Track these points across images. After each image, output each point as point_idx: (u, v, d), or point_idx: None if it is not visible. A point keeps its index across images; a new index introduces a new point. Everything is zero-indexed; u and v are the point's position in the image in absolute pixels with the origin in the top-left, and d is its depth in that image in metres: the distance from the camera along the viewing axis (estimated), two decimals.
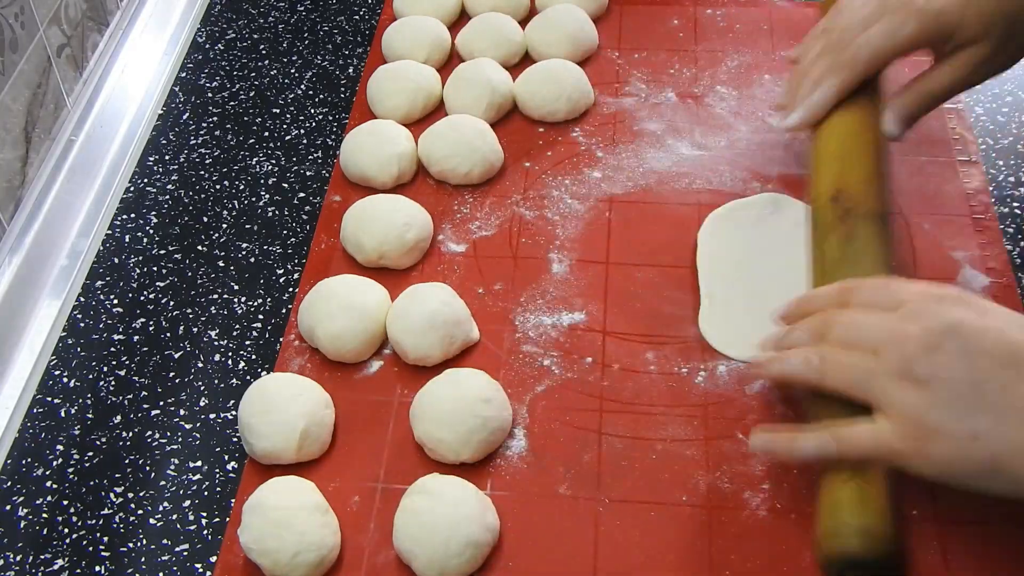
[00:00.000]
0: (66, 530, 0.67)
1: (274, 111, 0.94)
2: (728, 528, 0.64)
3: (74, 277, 0.82)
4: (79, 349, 0.77)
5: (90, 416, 0.73)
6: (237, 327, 0.77)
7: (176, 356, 0.76)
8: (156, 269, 0.82)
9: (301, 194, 0.87)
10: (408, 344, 0.71)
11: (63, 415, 0.73)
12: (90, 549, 0.66)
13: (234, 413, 0.72)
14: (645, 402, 0.70)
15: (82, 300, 0.80)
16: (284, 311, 0.78)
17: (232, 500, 0.67)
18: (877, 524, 0.55)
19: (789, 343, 0.62)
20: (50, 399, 0.74)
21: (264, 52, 1.00)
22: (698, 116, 0.89)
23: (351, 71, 0.97)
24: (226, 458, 0.70)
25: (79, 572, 0.65)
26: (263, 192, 0.87)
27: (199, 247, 0.83)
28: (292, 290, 0.79)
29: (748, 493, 0.65)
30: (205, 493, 0.68)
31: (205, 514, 0.67)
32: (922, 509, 0.64)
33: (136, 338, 0.77)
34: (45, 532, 0.67)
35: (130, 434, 0.71)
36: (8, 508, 0.68)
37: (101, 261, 0.83)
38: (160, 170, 0.90)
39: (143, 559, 0.65)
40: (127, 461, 0.70)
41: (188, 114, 0.94)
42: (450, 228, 0.82)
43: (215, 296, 0.80)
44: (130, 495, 0.68)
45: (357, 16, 1.03)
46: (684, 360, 0.72)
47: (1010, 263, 0.76)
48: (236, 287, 0.80)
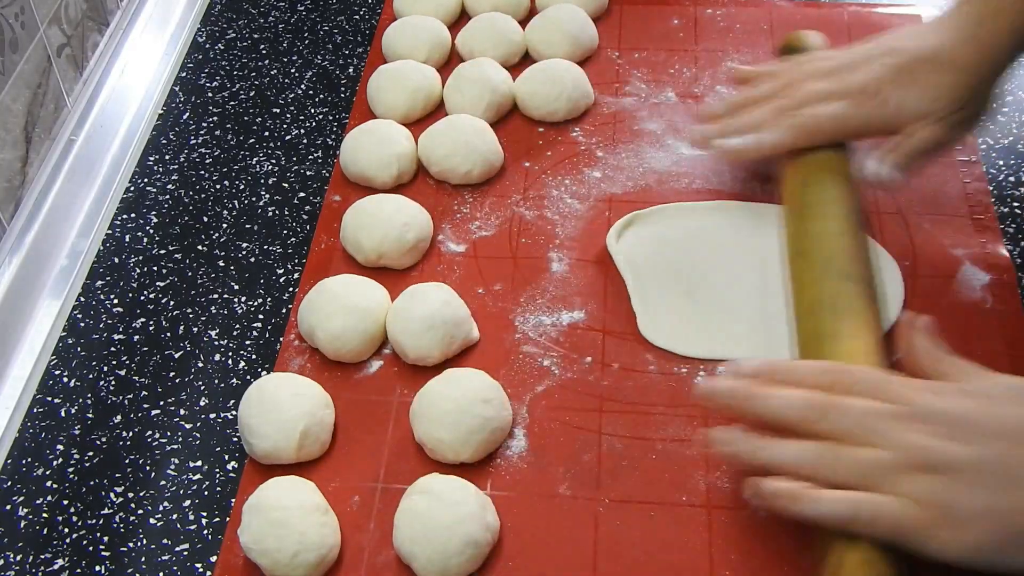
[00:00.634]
0: (66, 530, 0.67)
1: (274, 111, 0.94)
2: (728, 528, 0.64)
3: (74, 277, 0.82)
4: (79, 349, 0.77)
5: (90, 416, 0.73)
6: (237, 327, 0.77)
7: (176, 356, 0.76)
8: (156, 269, 0.82)
9: (301, 194, 0.87)
10: (408, 344, 0.71)
11: (63, 415, 0.73)
12: (90, 549, 0.66)
13: (234, 413, 0.72)
14: (645, 402, 0.70)
15: (82, 300, 0.80)
16: (284, 311, 0.78)
17: (232, 500, 0.67)
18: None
19: (778, 414, 0.59)
20: (50, 399, 0.74)
21: (264, 52, 1.00)
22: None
23: (351, 71, 0.97)
24: (226, 458, 0.70)
25: (79, 572, 0.65)
26: (263, 192, 0.87)
27: (199, 247, 0.83)
28: (292, 290, 0.79)
29: None
30: (205, 493, 0.68)
31: (205, 514, 0.67)
32: None
33: (136, 338, 0.77)
34: (45, 532, 0.67)
35: (130, 434, 0.71)
36: (8, 508, 0.68)
37: (101, 261, 0.83)
38: (160, 170, 0.90)
39: (143, 559, 0.65)
40: (127, 461, 0.70)
41: (188, 114, 0.94)
42: (450, 228, 0.82)
43: (215, 296, 0.80)
44: (130, 495, 0.68)
45: (357, 16, 1.03)
46: (684, 360, 0.72)
47: (1011, 263, 0.76)
48: (236, 287, 0.80)
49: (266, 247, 0.83)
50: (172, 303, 0.79)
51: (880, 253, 0.76)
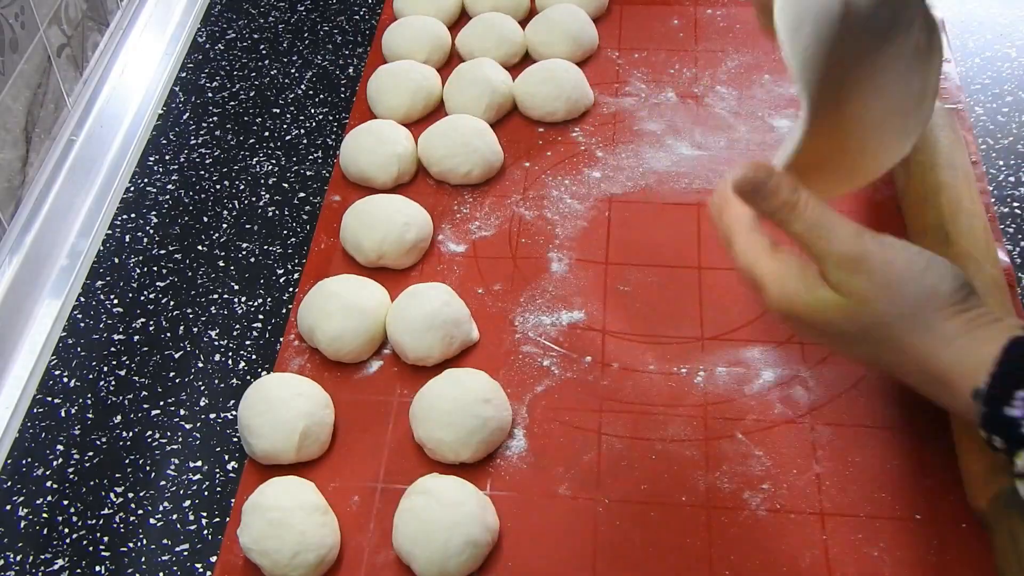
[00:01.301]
0: (66, 530, 0.67)
1: (274, 111, 0.94)
2: (728, 528, 0.64)
3: (74, 277, 0.82)
4: (79, 349, 0.77)
5: (90, 416, 0.73)
6: (237, 327, 0.77)
7: (176, 356, 0.76)
8: (156, 269, 0.82)
9: (301, 194, 0.87)
10: (408, 344, 0.71)
11: (63, 415, 0.73)
12: (90, 549, 0.66)
13: (234, 413, 0.72)
14: (645, 402, 0.70)
15: (82, 300, 0.80)
16: (284, 311, 0.78)
17: (232, 500, 0.67)
18: None
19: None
20: (50, 399, 0.74)
21: (264, 52, 1.00)
22: (698, 116, 0.89)
23: (351, 71, 0.97)
24: (226, 458, 0.70)
25: (79, 572, 0.65)
26: (263, 192, 0.87)
27: (199, 247, 0.83)
28: (292, 290, 0.80)
29: (748, 493, 0.65)
30: (205, 493, 0.68)
31: (205, 514, 0.67)
32: (924, 513, 0.64)
33: (136, 338, 0.77)
34: (45, 532, 0.67)
35: (130, 434, 0.72)
36: (8, 508, 0.68)
37: (101, 261, 0.83)
38: (160, 170, 0.90)
39: (143, 559, 0.65)
40: (127, 461, 0.70)
41: (188, 114, 0.94)
42: (450, 228, 0.82)
43: (215, 296, 0.80)
44: (130, 495, 0.68)
45: (357, 16, 1.03)
46: (684, 360, 0.72)
47: (1011, 263, 0.76)
48: (236, 287, 0.80)
49: (266, 247, 0.83)
50: (172, 303, 0.79)
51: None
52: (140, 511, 0.67)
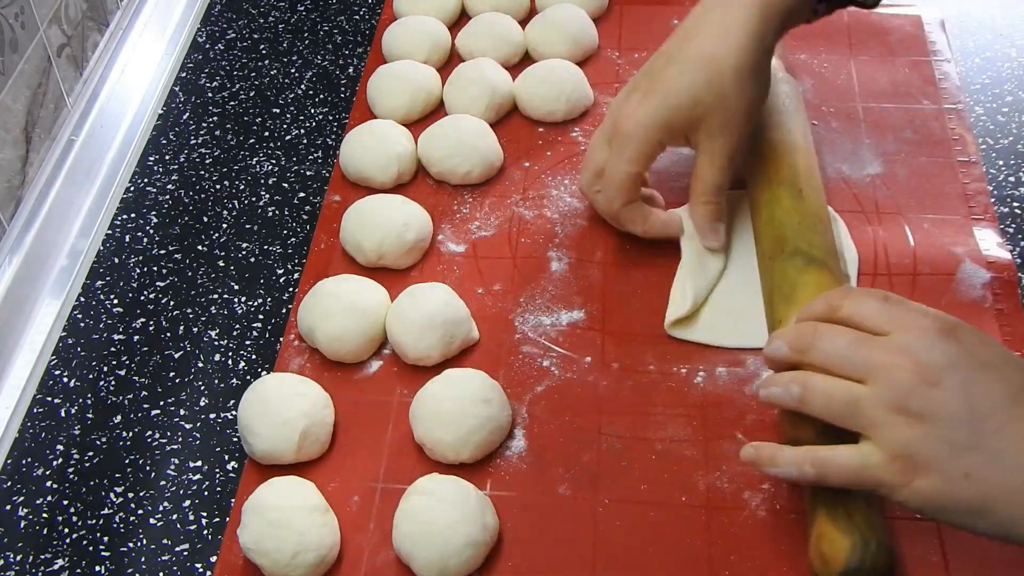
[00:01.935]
0: (66, 530, 0.67)
1: (274, 111, 0.94)
2: (728, 528, 0.64)
3: (74, 277, 0.82)
4: (79, 349, 0.77)
5: (90, 416, 0.73)
6: (237, 327, 0.77)
7: (176, 356, 0.76)
8: (156, 269, 0.82)
9: (301, 194, 0.87)
10: (408, 344, 0.71)
11: (63, 415, 0.73)
12: (90, 549, 0.66)
13: (234, 413, 0.72)
14: (644, 402, 0.70)
15: (82, 300, 0.80)
16: (284, 311, 0.78)
17: (232, 500, 0.67)
18: (865, 537, 0.56)
19: (769, 355, 0.61)
20: (50, 399, 0.74)
21: (264, 52, 1.00)
22: None
23: (351, 71, 0.97)
24: (226, 458, 0.70)
25: (79, 572, 0.65)
26: (263, 192, 0.87)
27: (199, 247, 0.83)
28: (292, 290, 0.80)
29: (748, 493, 0.65)
30: (205, 493, 0.68)
31: (205, 514, 0.67)
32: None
33: (136, 338, 0.77)
34: (45, 532, 0.67)
35: (130, 434, 0.72)
36: (8, 508, 0.68)
37: (101, 261, 0.83)
38: (160, 170, 0.90)
39: (143, 559, 0.65)
40: (127, 461, 0.70)
41: (188, 114, 0.94)
42: (450, 228, 0.82)
43: (215, 296, 0.80)
44: (130, 495, 0.68)
45: (357, 16, 1.03)
46: (683, 360, 0.72)
47: (1011, 262, 0.76)
48: (236, 287, 0.80)
49: (266, 247, 0.83)
50: (172, 303, 0.79)
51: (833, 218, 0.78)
52: (140, 511, 0.67)
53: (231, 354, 0.76)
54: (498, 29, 0.94)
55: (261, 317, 0.78)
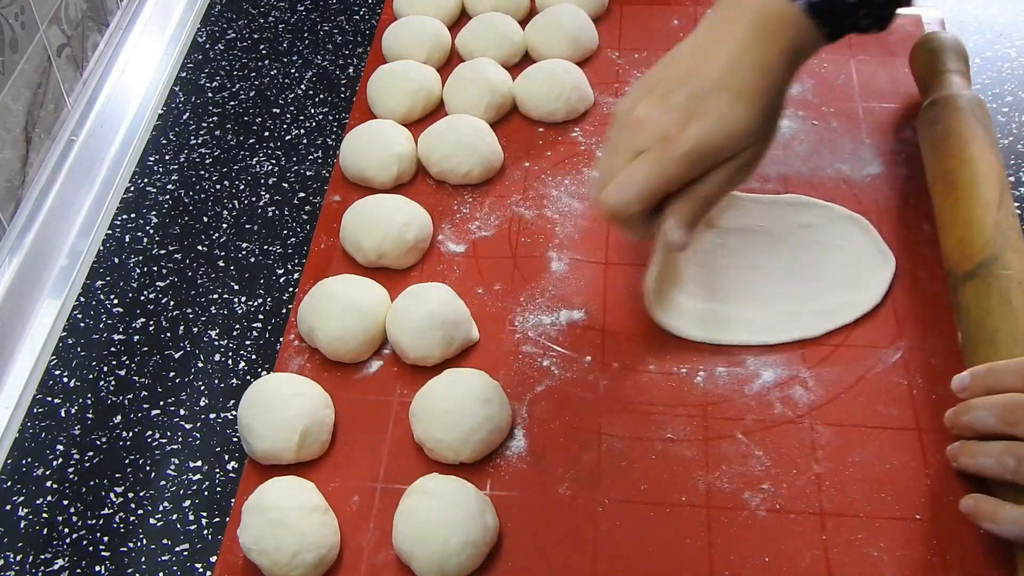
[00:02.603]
0: (66, 530, 0.67)
1: (274, 111, 0.94)
2: (728, 528, 0.64)
3: (74, 277, 0.82)
4: (79, 349, 0.77)
5: (90, 416, 0.73)
6: (237, 327, 0.77)
7: (176, 356, 0.76)
8: (156, 269, 0.82)
9: (301, 194, 0.87)
10: (408, 344, 0.71)
11: (63, 415, 0.73)
12: (90, 549, 0.66)
13: (234, 413, 0.72)
14: (645, 402, 0.70)
15: (82, 300, 0.80)
16: (284, 311, 0.78)
17: (232, 500, 0.67)
18: None
19: (972, 424, 0.62)
20: (50, 399, 0.74)
21: (264, 52, 1.00)
22: None
23: (351, 71, 0.97)
24: (226, 458, 0.70)
25: (79, 572, 0.65)
26: (263, 192, 0.87)
27: (199, 247, 0.83)
28: (292, 290, 0.80)
29: (748, 493, 0.65)
30: (205, 493, 0.68)
31: (205, 514, 0.67)
32: (924, 513, 0.64)
33: (136, 338, 0.77)
34: (45, 532, 0.67)
35: (130, 434, 0.72)
36: (8, 508, 0.68)
37: (101, 261, 0.83)
38: (160, 170, 0.90)
39: (143, 559, 0.65)
40: (127, 461, 0.70)
41: (188, 114, 0.94)
42: (450, 228, 0.82)
43: (215, 296, 0.80)
44: (130, 495, 0.68)
45: (357, 16, 1.03)
46: (684, 360, 0.72)
47: None
48: (236, 287, 0.80)
49: (266, 247, 0.83)
50: (172, 303, 0.79)
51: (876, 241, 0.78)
52: (140, 511, 0.67)
53: (231, 354, 0.76)
54: (498, 29, 0.94)
55: (261, 317, 0.78)
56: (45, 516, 0.67)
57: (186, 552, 0.65)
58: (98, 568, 0.65)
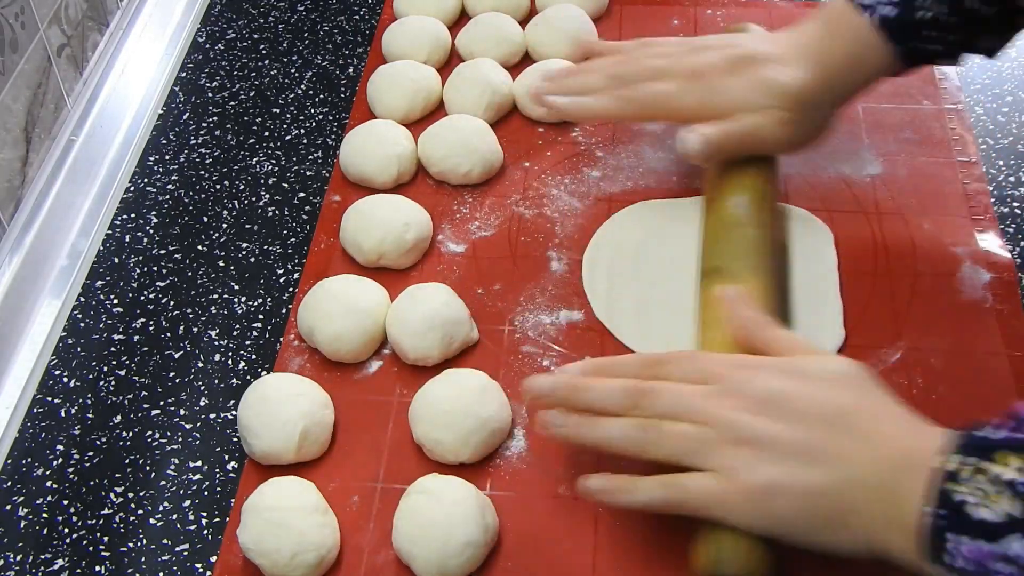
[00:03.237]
0: (66, 530, 0.67)
1: (274, 111, 0.94)
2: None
3: (74, 277, 0.82)
4: (79, 349, 0.77)
5: (90, 416, 0.73)
6: (237, 327, 0.77)
7: (176, 356, 0.76)
8: (156, 269, 0.82)
9: (301, 194, 0.87)
10: (407, 344, 0.71)
11: (63, 415, 0.73)
12: (90, 549, 0.66)
13: (234, 413, 0.72)
14: None
15: (82, 300, 0.80)
16: (284, 311, 0.78)
17: (232, 500, 0.67)
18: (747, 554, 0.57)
19: (598, 402, 0.61)
20: (50, 399, 0.74)
21: (264, 52, 1.00)
22: None
23: (351, 71, 0.97)
24: (226, 458, 0.70)
25: (79, 572, 0.65)
26: (263, 192, 0.87)
27: (199, 247, 0.83)
28: (292, 290, 0.80)
29: None
30: (205, 493, 0.68)
31: (205, 514, 0.67)
32: None
33: (136, 338, 0.77)
34: (45, 532, 0.67)
35: (130, 434, 0.72)
36: (8, 508, 0.68)
37: (101, 261, 0.83)
38: (160, 170, 0.90)
39: (143, 559, 0.65)
40: (127, 461, 0.70)
41: (188, 114, 0.94)
42: (449, 228, 0.82)
43: (215, 296, 0.80)
44: (130, 495, 0.68)
45: (357, 16, 1.03)
46: None
47: (1011, 262, 0.76)
48: (236, 287, 0.80)
49: (266, 247, 0.83)
50: (172, 303, 0.79)
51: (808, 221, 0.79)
52: (140, 511, 0.67)
53: (231, 354, 0.76)
54: (498, 29, 0.94)
55: (261, 317, 0.78)
56: (45, 516, 0.67)
57: (186, 552, 0.65)
58: (98, 568, 0.65)
